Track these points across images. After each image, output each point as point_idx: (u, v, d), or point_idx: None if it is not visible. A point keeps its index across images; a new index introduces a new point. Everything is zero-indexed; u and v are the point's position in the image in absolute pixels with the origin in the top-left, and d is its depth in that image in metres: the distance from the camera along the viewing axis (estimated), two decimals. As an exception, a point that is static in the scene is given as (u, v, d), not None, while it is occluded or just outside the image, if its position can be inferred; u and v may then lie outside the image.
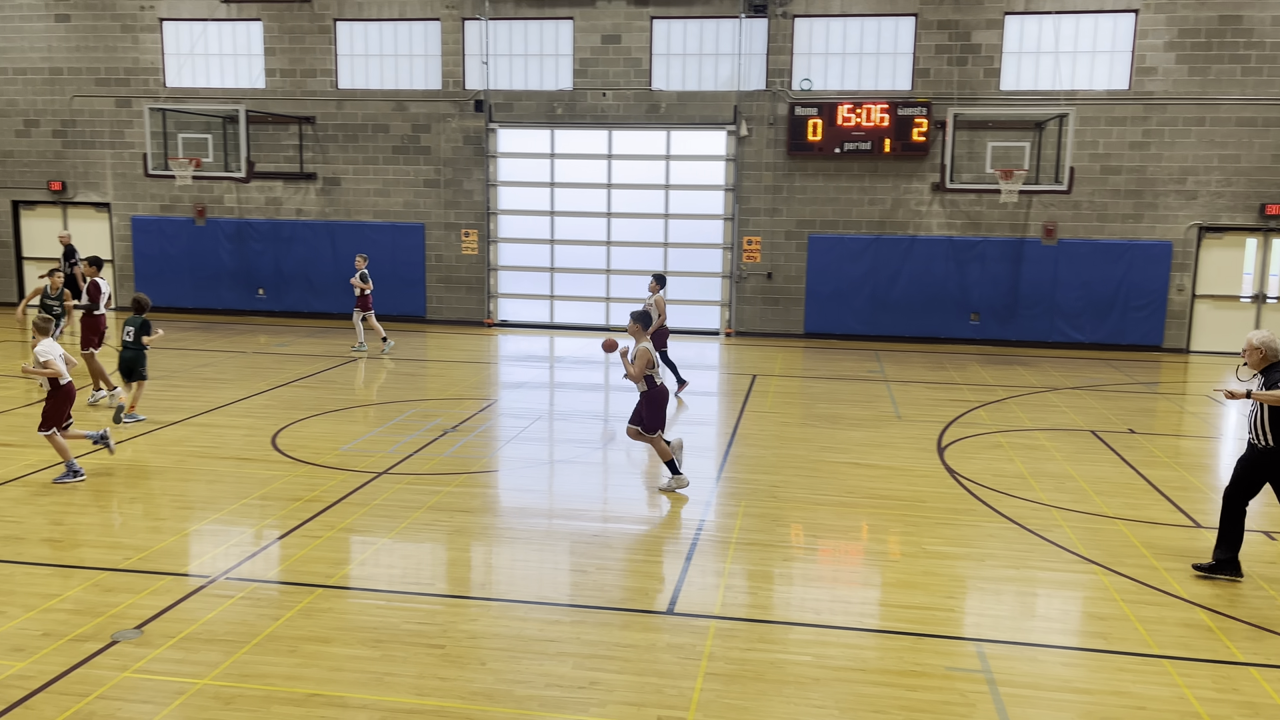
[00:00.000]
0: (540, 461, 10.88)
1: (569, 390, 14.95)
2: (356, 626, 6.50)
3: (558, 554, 8.02)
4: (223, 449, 10.82)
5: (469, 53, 20.58)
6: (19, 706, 5.39)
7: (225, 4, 20.88)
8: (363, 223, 21.18)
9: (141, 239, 21.74)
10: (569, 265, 21.08)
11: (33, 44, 21.60)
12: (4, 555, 7.57)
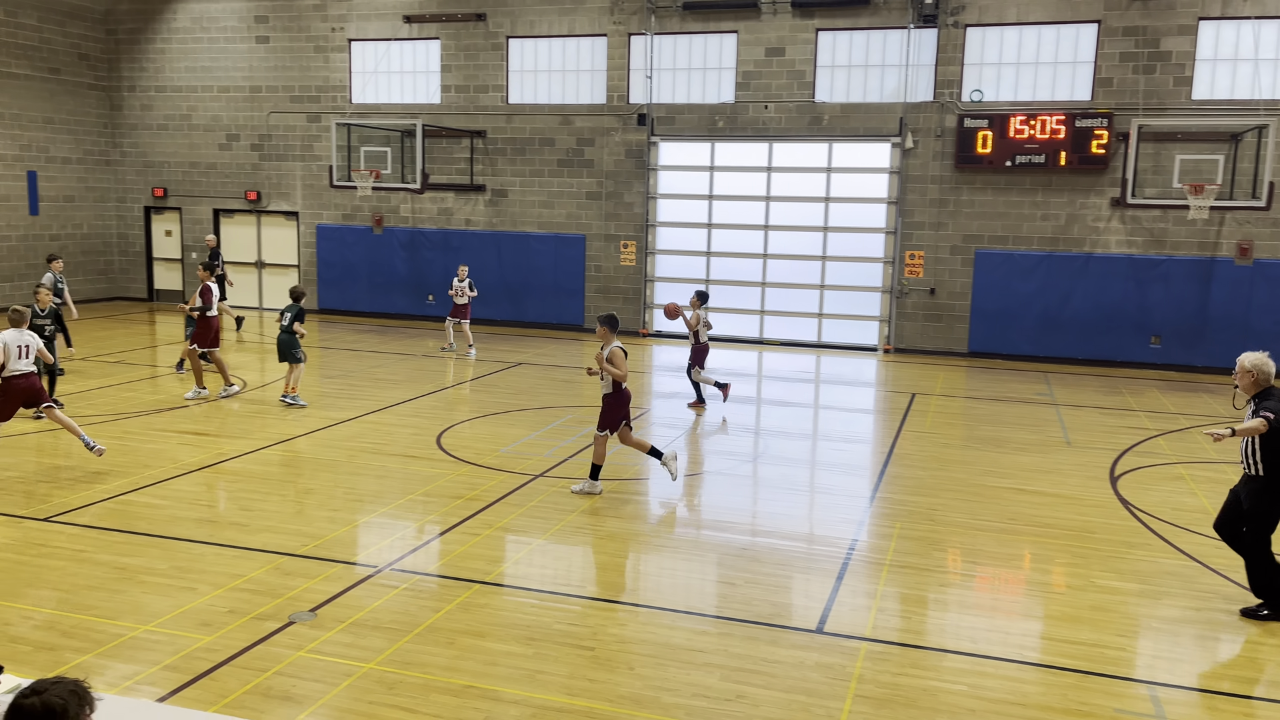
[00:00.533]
0: (690, 472, 10.92)
1: (720, 402, 14.96)
2: (511, 623, 6.71)
3: (705, 565, 8.04)
4: (391, 446, 11.39)
5: (634, 67, 20.95)
6: (205, 677, 5.83)
7: (408, 24, 22.02)
8: (527, 233, 21.86)
9: (325, 246, 23.14)
10: (725, 277, 21.10)
11: (236, 64, 23.39)
12: (197, 536, 8.21)
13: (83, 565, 7.51)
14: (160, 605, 6.82)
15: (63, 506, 8.87)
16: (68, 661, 5.94)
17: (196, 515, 8.75)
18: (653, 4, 20.42)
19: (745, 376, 17.24)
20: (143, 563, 7.59)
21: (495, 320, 22.14)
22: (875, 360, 19.30)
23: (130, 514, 8.73)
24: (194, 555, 7.78)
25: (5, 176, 21.93)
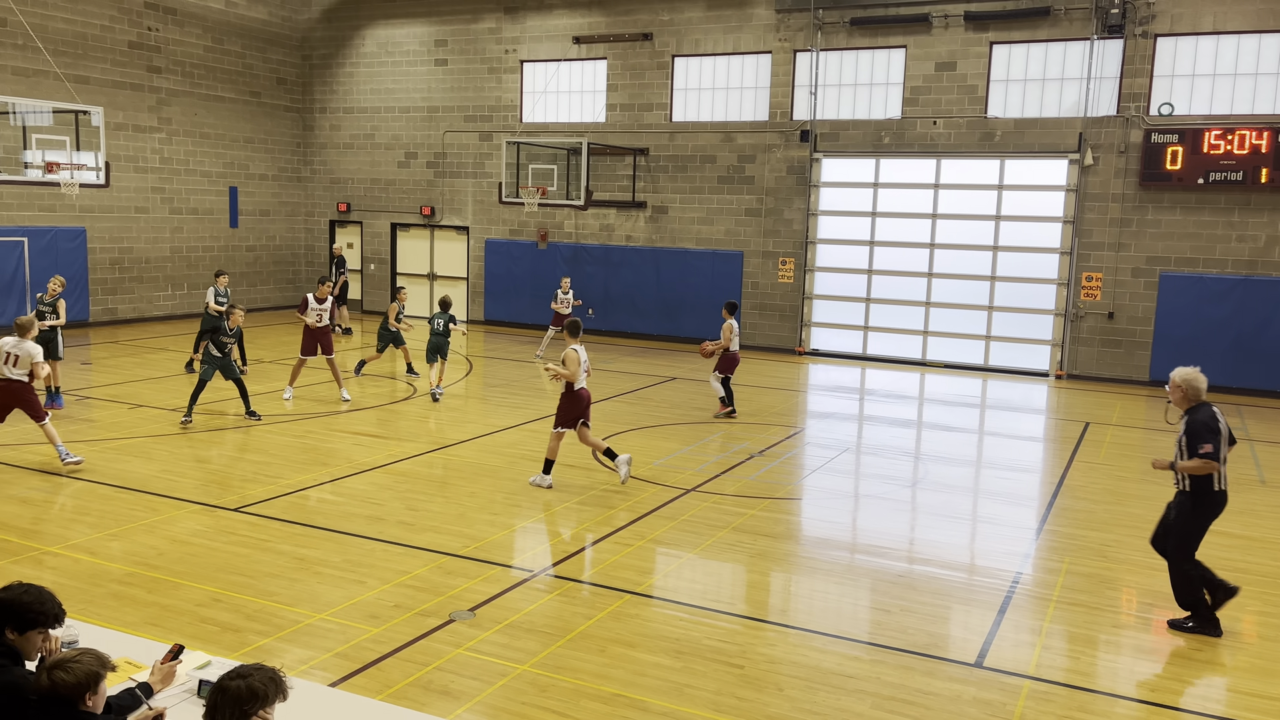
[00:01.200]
0: (845, 494, 10.72)
1: (879, 424, 14.61)
2: (660, 635, 6.76)
3: (859, 590, 7.87)
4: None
5: (798, 84, 20.83)
6: (372, 667, 6.14)
7: (577, 45, 22.66)
8: (685, 249, 22.04)
9: (492, 259, 24.02)
10: (886, 296, 20.63)
11: (416, 86, 24.65)
12: (368, 532, 8.67)
13: (266, 554, 8.05)
14: (333, 595, 7.22)
15: (251, 499, 9.55)
16: (250, 643, 6.37)
17: (368, 513, 9.23)
18: (819, 21, 20.26)
19: (906, 399, 16.79)
20: (319, 554, 8.07)
21: (651, 335, 22.40)
22: (1046, 386, 18.41)
23: (309, 508, 9.30)
24: (365, 550, 8.22)
25: (210, 191, 23.84)
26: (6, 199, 19.51)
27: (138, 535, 8.39)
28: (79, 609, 6.70)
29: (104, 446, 11.33)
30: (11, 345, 10.10)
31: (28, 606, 3.91)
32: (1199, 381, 7.10)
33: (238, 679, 3.44)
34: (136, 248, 22.24)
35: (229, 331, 12.63)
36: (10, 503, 9.17)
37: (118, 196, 21.55)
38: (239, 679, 3.44)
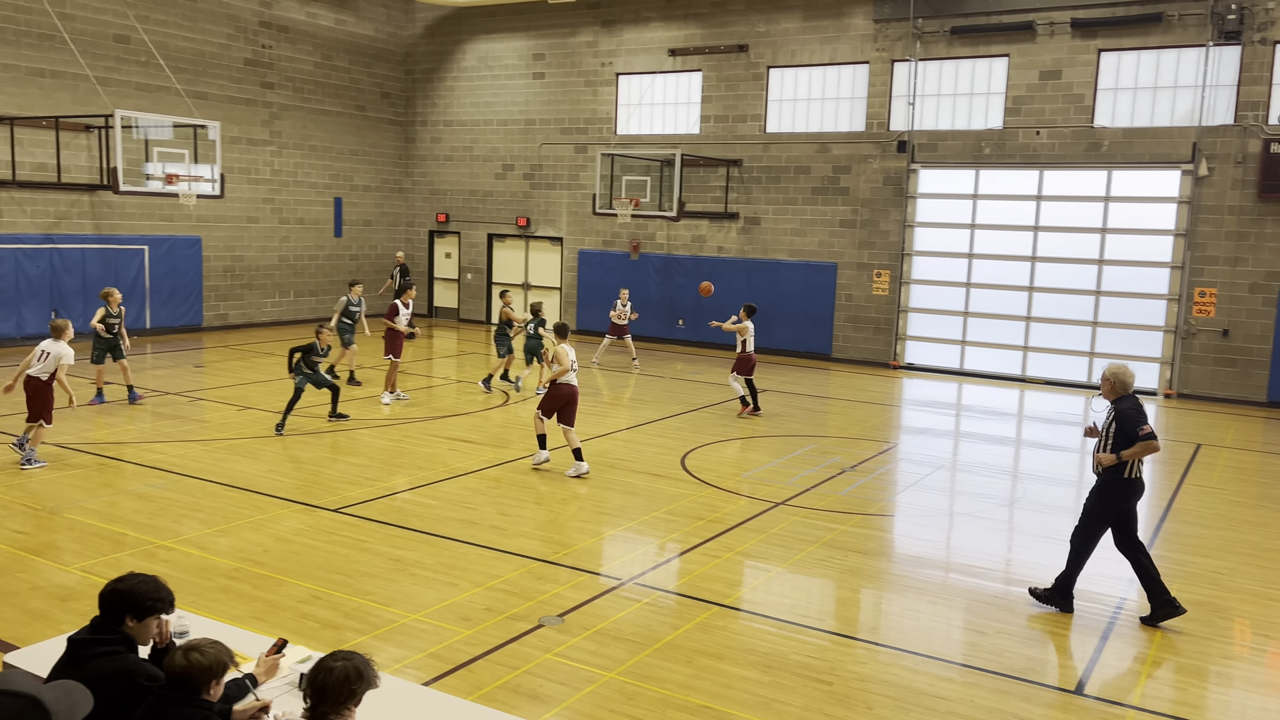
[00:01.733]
0: (940, 512, 10.50)
1: (976, 441, 14.26)
2: (748, 648, 6.72)
3: (953, 610, 7.69)
4: (638, 464, 11.74)
5: (895, 94, 20.54)
6: (463, 668, 6.26)
7: (672, 57, 22.79)
8: (777, 260, 21.90)
9: (585, 270, 24.29)
10: (985, 310, 20.14)
11: (514, 99, 25.13)
12: (461, 536, 8.85)
13: (364, 554, 8.29)
14: (427, 597, 7.40)
15: (350, 500, 9.84)
16: (348, 641, 6.57)
17: (461, 516, 9.42)
18: (918, 30, 19.96)
19: (1004, 416, 16.35)
20: (414, 556, 8.27)
21: (743, 346, 22.31)
22: (1154, 405, 17.70)
23: (405, 511, 9.54)
24: (458, 553, 8.39)
25: (317, 202, 24.71)
26: (129, 209, 20.57)
27: (244, 532, 8.74)
28: (189, 602, 7.01)
29: (214, 446, 11.83)
30: (47, 345, 10.60)
31: (146, 595, 4.11)
32: (1127, 376, 7.67)
33: (341, 661, 3.62)
34: (247, 256, 23.18)
35: (320, 350, 13.03)
36: (129, 498, 9.65)
37: (231, 207, 22.51)
38: (343, 660, 3.62)
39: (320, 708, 3.58)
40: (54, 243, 19.29)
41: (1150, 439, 7.39)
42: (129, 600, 4.08)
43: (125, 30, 20.05)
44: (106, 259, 20.13)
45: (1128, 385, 7.66)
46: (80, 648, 3.98)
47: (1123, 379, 7.66)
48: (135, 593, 4.10)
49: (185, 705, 3.69)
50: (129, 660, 3.99)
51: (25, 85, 18.65)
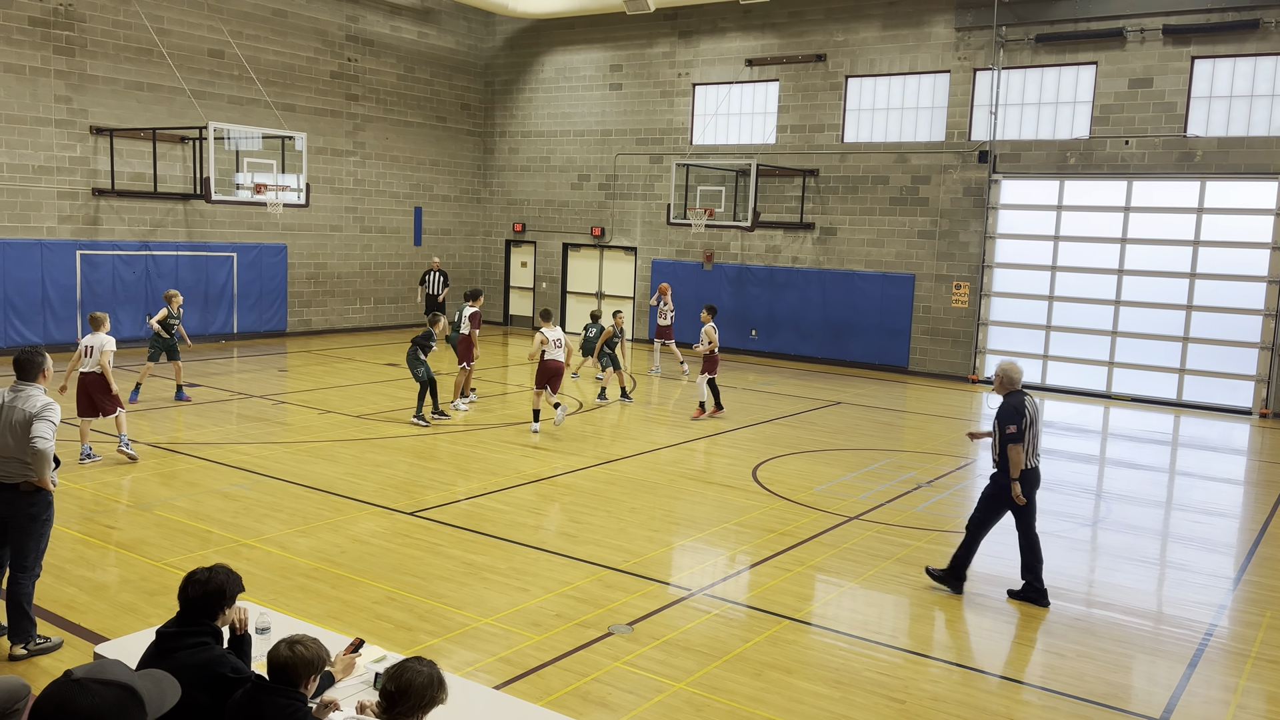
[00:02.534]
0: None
1: (1058, 458, 13.88)
2: (818, 663, 6.64)
3: (1031, 631, 7.49)
4: (709, 474, 11.71)
5: (977, 103, 20.18)
6: (533, 674, 6.31)
7: (749, 67, 22.75)
8: (853, 271, 21.66)
9: (658, 279, 24.32)
10: (1069, 324, 19.61)
11: (590, 110, 25.36)
12: (532, 542, 8.93)
13: (437, 557, 8.42)
14: (498, 601, 7.48)
15: (425, 504, 10.01)
16: (422, 642, 6.68)
17: (533, 523, 9.51)
18: (1001, 38, 19.58)
19: (1088, 433, 15.89)
20: (486, 561, 8.37)
21: (816, 358, 22.11)
22: (1248, 425, 17.01)
23: (479, 516, 9.66)
24: (529, 559, 8.46)
25: (397, 212, 25.25)
26: (219, 217, 21.29)
27: (323, 533, 8.95)
28: (270, 599, 7.21)
29: (295, 449, 12.15)
30: (89, 340, 10.96)
31: (225, 586, 4.25)
32: (1015, 372, 8.02)
33: (427, 666, 3.72)
34: (330, 264, 23.79)
35: (433, 338, 14.02)
36: (215, 497, 9.97)
37: (315, 215, 23.14)
38: (427, 667, 3.72)
39: (399, 707, 3.65)
40: (149, 249, 20.07)
41: (1011, 440, 7.72)
42: (223, 594, 4.23)
43: (219, 45, 20.80)
44: (198, 265, 20.86)
45: (1015, 381, 7.99)
46: (169, 640, 4.13)
47: (1010, 374, 8.00)
48: (224, 588, 4.24)
49: (282, 695, 3.80)
50: (216, 652, 4.13)
51: (125, 99, 19.46)
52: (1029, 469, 7.84)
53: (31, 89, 18.15)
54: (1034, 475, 7.91)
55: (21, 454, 6.11)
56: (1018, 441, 7.72)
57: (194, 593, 4.19)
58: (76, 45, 18.69)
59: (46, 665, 6.13)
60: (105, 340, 10.98)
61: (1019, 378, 8.03)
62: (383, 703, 3.71)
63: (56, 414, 6.22)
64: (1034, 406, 7.92)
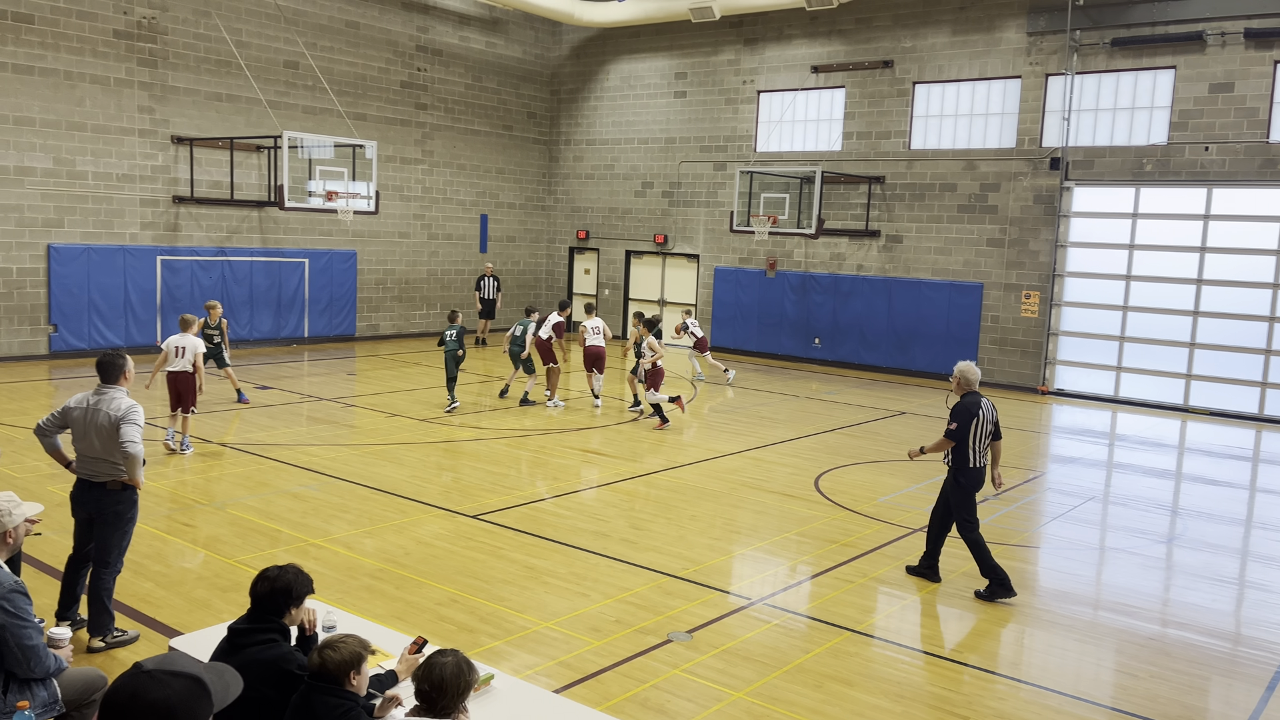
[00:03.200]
0: (1089, 546, 9.98)
1: (1131, 473, 13.51)
2: (880, 677, 6.55)
3: (1102, 650, 7.29)
4: (770, 483, 11.64)
5: (1049, 109, 19.78)
6: (592, 679, 6.34)
7: (815, 74, 22.62)
8: (920, 280, 21.37)
9: (721, 287, 24.30)
10: (1144, 335, 19.08)
11: (655, 118, 25.44)
12: (593, 547, 8.97)
13: (499, 561, 8.51)
14: (559, 606, 7.53)
15: (488, 507, 10.12)
16: (483, 645, 6.75)
17: (593, 528, 9.55)
18: (1075, 42, 19.16)
19: (1164, 447, 15.43)
20: (547, 565, 8.43)
21: (880, 367, 21.84)
22: (1334, 441, 16.35)
23: (540, 520, 9.74)
24: (589, 564, 8.50)
25: (463, 219, 25.61)
26: (292, 224, 21.83)
27: (388, 534, 9.10)
28: (336, 598, 7.36)
29: (363, 451, 12.38)
30: (178, 340, 11.71)
31: (292, 585, 4.36)
32: (971, 373, 8.32)
33: (450, 656, 3.82)
34: (398, 270, 24.22)
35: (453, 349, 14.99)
36: (285, 497, 10.21)
37: (384, 223, 23.59)
38: (450, 655, 3.82)
39: (440, 703, 3.72)
40: (226, 255, 20.66)
41: (947, 436, 8.14)
42: (290, 593, 4.34)
43: (295, 56, 21.34)
44: (271, 271, 21.41)
45: (971, 382, 8.32)
46: (240, 636, 4.24)
47: (967, 375, 8.32)
48: (292, 586, 4.35)
49: (331, 695, 3.89)
50: (283, 649, 4.23)
51: (205, 109, 20.08)
52: (980, 468, 8.19)
53: (116, 100, 18.83)
54: (979, 475, 8.22)
55: (108, 455, 6.34)
56: (953, 440, 8.10)
57: (262, 589, 4.31)
58: (159, 57, 19.34)
59: (123, 658, 6.33)
60: (196, 341, 11.78)
61: (975, 379, 8.34)
62: (423, 705, 3.78)
63: (141, 415, 6.43)
64: (988, 409, 8.20)
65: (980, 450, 8.17)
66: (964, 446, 8.11)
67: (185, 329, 11.89)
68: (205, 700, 2.61)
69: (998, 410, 8.44)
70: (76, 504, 6.50)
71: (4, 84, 17.40)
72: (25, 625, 4.20)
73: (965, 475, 8.17)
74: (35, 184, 18.01)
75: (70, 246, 18.45)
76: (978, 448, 8.14)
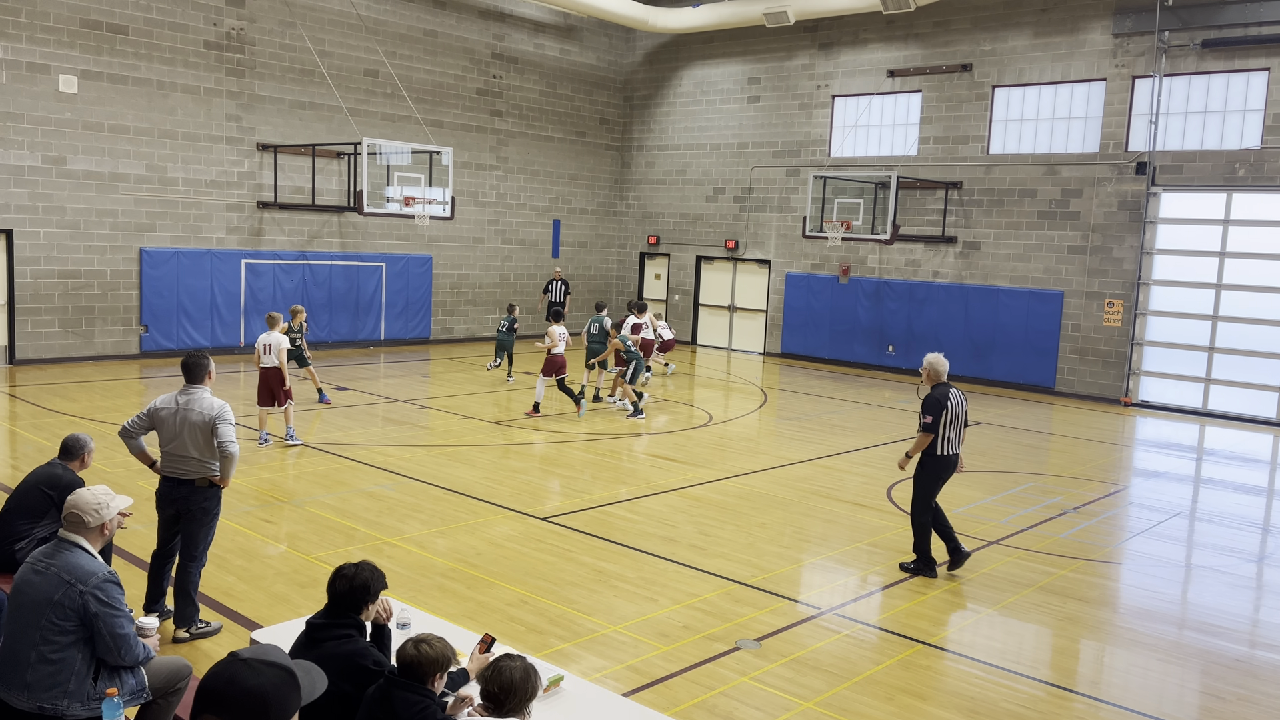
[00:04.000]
0: (1174, 563, 9.65)
1: (1220, 489, 13.03)
2: (952, 690, 6.43)
3: (1187, 670, 7.05)
4: (841, 492, 11.51)
5: (1135, 112, 19.21)
6: (660, 683, 6.34)
7: (891, 78, 22.33)
8: (998, 287, 20.93)
9: (792, 293, 24.12)
10: (1235, 346, 18.39)
11: (727, 123, 25.39)
12: (661, 552, 8.97)
13: (569, 563, 8.57)
14: (627, 610, 7.54)
15: (557, 510, 10.20)
16: (552, 646, 6.80)
17: (662, 533, 9.56)
18: (1164, 44, 18.59)
19: (1256, 463, 14.85)
20: (616, 569, 8.46)
21: (956, 376, 21.43)
22: None
23: (609, 524, 9.78)
24: (658, 569, 8.51)
25: (536, 224, 25.88)
26: (370, 229, 22.31)
27: (460, 535, 9.24)
28: (408, 596, 7.48)
29: (436, 452, 12.59)
30: (265, 338, 12.35)
31: (369, 583, 4.45)
32: (940, 365, 8.72)
33: (517, 660, 3.87)
34: (472, 274, 24.57)
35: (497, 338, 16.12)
36: (361, 496, 10.43)
37: (459, 228, 23.96)
38: (518, 660, 3.88)
39: (508, 703, 3.77)
40: (306, 259, 21.21)
41: (924, 431, 8.51)
42: (368, 590, 4.43)
43: (375, 65, 21.83)
44: (350, 275, 21.91)
45: (940, 374, 8.71)
46: (317, 631, 4.35)
47: (936, 367, 8.73)
48: (369, 584, 4.45)
49: (412, 691, 3.96)
50: (359, 645, 4.32)
51: (289, 117, 20.66)
52: (947, 455, 8.63)
53: (206, 108, 19.48)
54: (952, 462, 8.69)
55: (200, 454, 6.56)
56: (929, 432, 8.51)
57: (341, 587, 4.41)
58: (246, 67, 19.96)
59: (206, 649, 6.53)
60: (280, 338, 12.42)
61: (944, 370, 8.73)
62: (490, 705, 3.82)
63: (231, 415, 6.66)
64: (957, 399, 8.62)
65: (949, 438, 8.59)
66: (935, 435, 8.59)
67: (271, 326, 12.66)
68: (295, 692, 2.69)
69: (968, 401, 8.99)
70: (163, 501, 6.73)
71: (100, 93, 18.14)
72: (117, 615, 4.36)
73: (933, 461, 8.62)
74: (129, 190, 18.73)
75: (161, 250, 19.14)
76: (948, 434, 8.57)
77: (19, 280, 17.65)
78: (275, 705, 2.59)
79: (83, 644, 4.31)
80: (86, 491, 4.61)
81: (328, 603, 4.45)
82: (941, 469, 8.67)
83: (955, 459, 8.70)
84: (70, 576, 4.32)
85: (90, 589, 4.30)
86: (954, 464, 8.71)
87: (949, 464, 8.68)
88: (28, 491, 6.40)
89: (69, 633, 4.28)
